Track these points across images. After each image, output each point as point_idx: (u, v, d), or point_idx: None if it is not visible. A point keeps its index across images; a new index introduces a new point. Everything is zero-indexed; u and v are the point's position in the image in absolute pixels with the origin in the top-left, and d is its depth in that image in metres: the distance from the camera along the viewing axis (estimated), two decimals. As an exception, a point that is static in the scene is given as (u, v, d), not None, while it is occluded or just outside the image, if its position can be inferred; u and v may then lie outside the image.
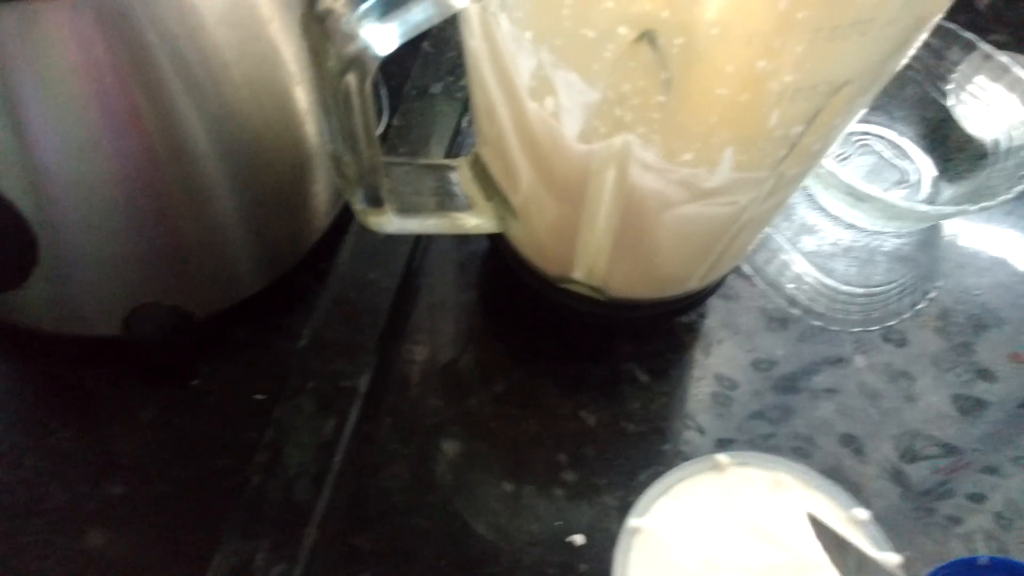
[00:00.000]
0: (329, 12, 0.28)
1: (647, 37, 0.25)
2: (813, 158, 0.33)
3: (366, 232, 0.47)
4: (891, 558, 0.30)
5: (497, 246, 0.44)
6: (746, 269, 0.51)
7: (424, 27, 0.27)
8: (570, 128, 0.31)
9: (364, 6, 0.27)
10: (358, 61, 0.27)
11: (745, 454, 0.31)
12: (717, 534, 0.30)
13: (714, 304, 0.49)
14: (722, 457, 0.31)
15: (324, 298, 0.46)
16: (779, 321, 0.49)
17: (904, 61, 0.29)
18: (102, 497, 0.42)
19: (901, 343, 0.49)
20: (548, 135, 0.32)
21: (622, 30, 0.26)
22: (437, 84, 0.53)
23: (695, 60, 0.26)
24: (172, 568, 0.40)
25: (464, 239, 0.51)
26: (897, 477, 0.44)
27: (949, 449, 0.46)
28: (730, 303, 0.50)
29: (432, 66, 0.53)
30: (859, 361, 0.48)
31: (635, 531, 0.30)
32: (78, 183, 0.37)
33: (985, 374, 0.48)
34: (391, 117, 0.52)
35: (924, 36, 0.28)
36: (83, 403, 0.45)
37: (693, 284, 0.41)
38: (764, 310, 0.50)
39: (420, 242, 0.48)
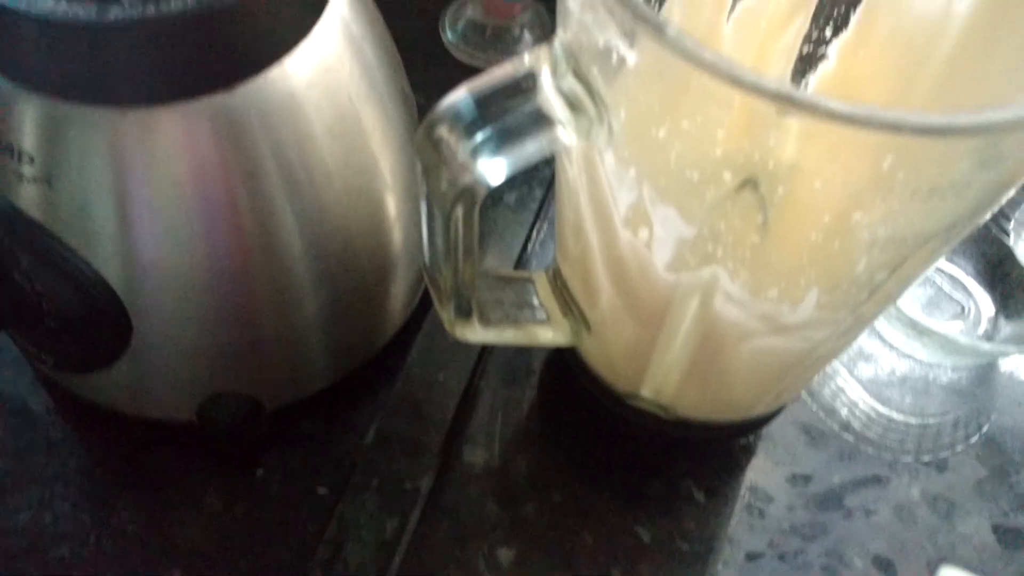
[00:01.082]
0: (443, 140, 0.30)
1: (750, 184, 0.27)
2: (890, 300, 0.34)
3: (436, 334, 0.49)
4: None
5: (564, 356, 0.45)
6: (802, 393, 0.52)
7: (534, 161, 0.29)
8: (660, 258, 0.32)
9: (479, 137, 0.29)
10: (470, 190, 0.29)
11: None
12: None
13: (771, 427, 0.50)
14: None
15: (392, 396, 0.47)
16: (833, 445, 0.50)
17: (988, 216, 0.30)
18: (161, 583, 0.43)
19: (943, 468, 0.49)
20: (637, 262, 0.33)
21: (727, 175, 0.27)
22: (511, 194, 0.54)
23: (793, 207, 0.27)
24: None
25: (527, 349, 0.52)
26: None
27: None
28: (786, 425, 0.50)
29: (507, 176, 0.55)
30: (901, 483, 0.48)
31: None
32: (175, 275, 0.38)
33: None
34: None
35: (1011, 194, 0.29)
36: (150, 485, 0.46)
37: (758, 410, 0.42)
38: (818, 432, 0.50)
39: (487, 346, 0.49)
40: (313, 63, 0.36)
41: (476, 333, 0.38)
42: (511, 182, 0.55)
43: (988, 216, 0.30)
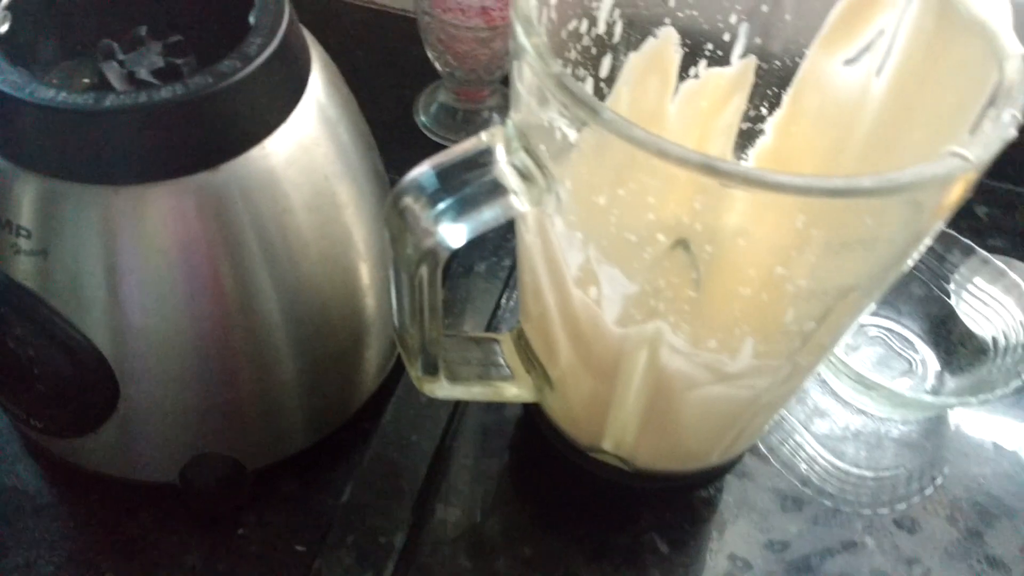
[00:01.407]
0: (408, 208, 0.33)
1: (681, 244, 0.30)
2: (824, 349, 0.37)
3: (409, 396, 0.51)
4: None
5: (532, 414, 0.47)
6: (762, 449, 0.54)
7: (491, 227, 0.32)
8: (609, 314, 0.35)
9: (441, 206, 0.32)
10: (432, 253, 0.32)
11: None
12: None
13: (731, 481, 0.52)
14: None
15: (367, 456, 0.49)
16: (792, 500, 0.52)
17: (904, 270, 0.33)
18: (144, 640, 0.44)
19: (912, 529, 0.52)
20: (589, 318, 0.36)
21: (660, 237, 0.30)
22: (481, 263, 0.58)
23: (722, 264, 0.31)
24: None
25: (499, 407, 0.54)
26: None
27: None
28: (745, 481, 0.52)
29: (477, 247, 0.58)
30: (871, 544, 0.50)
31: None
32: (160, 341, 0.41)
33: (996, 563, 0.50)
34: (437, 291, 0.56)
35: (922, 249, 0.32)
36: (133, 546, 0.47)
37: (714, 459, 0.44)
38: (777, 489, 0.52)
39: (458, 407, 0.52)
40: (291, 144, 0.40)
41: (443, 389, 0.40)
42: (481, 252, 0.58)
43: (902, 271, 0.33)
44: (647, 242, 0.31)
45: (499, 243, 0.59)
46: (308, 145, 0.41)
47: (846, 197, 0.27)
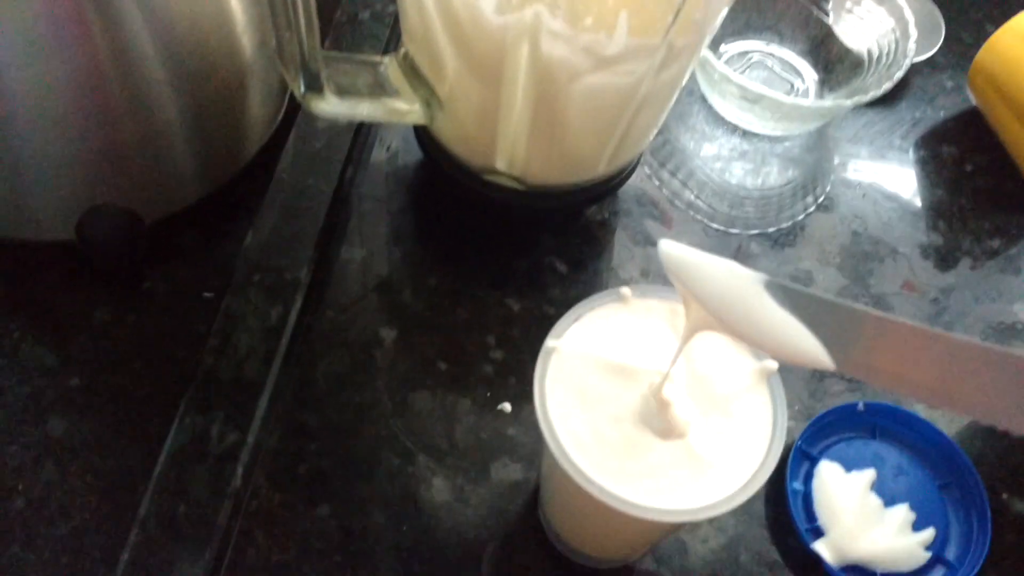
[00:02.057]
0: None
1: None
2: (697, 31, 0.38)
3: (303, 143, 0.51)
4: (769, 366, 0.34)
5: (425, 145, 0.48)
6: (649, 170, 0.56)
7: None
8: (487, 3, 0.35)
9: None
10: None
11: (647, 287, 0.36)
12: (620, 352, 0.34)
13: (624, 206, 0.54)
14: (626, 290, 0.35)
15: (266, 202, 0.49)
16: (683, 224, 0.54)
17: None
18: (61, 388, 0.45)
19: (794, 244, 0.54)
20: (468, 12, 0.36)
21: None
22: (366, 11, 0.56)
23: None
24: (130, 449, 0.43)
25: (397, 151, 0.55)
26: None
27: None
28: (638, 205, 0.54)
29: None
30: (757, 250, 0.53)
31: (551, 351, 0.34)
32: (29, 85, 0.39)
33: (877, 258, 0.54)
34: (322, 43, 0.55)
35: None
36: (40, 307, 0.47)
37: (601, 169, 0.45)
38: (668, 214, 0.54)
39: (353, 149, 0.52)
40: None
41: (331, 104, 0.40)
42: (364, 0, 0.57)
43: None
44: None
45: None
46: None
47: None
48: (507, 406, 0.46)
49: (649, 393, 0.33)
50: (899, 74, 0.51)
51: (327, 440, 0.44)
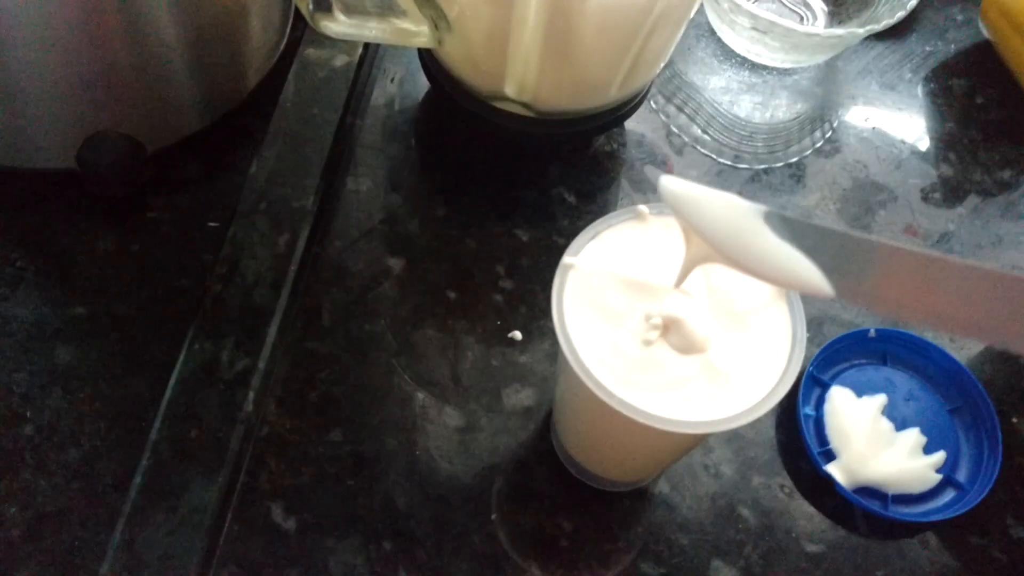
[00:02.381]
0: None
1: None
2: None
3: (306, 73, 0.50)
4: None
5: (432, 71, 0.47)
6: (656, 105, 0.55)
7: None
8: (501, -87, 0.34)
9: None
10: None
11: (664, 206, 0.35)
12: (638, 268, 0.34)
13: (633, 138, 0.54)
14: (643, 208, 0.35)
15: (270, 131, 0.48)
16: (691, 157, 0.54)
17: None
18: (67, 317, 0.44)
19: (801, 176, 0.54)
20: (481, -76, 0.35)
21: None
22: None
23: None
24: (137, 376, 0.43)
25: (400, 83, 0.54)
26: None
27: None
28: (646, 138, 0.54)
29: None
30: (765, 184, 0.53)
31: (568, 267, 0.34)
32: (25, 7, 0.38)
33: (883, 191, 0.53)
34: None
35: None
36: (44, 236, 0.46)
37: (613, 93, 0.45)
38: (677, 147, 0.54)
39: (357, 86, 0.51)
40: None
41: (339, 24, 0.39)
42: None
43: None
44: None
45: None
46: None
47: None
48: (517, 334, 0.46)
49: (656, 312, 0.33)
50: (912, 3, 0.51)
51: (337, 368, 0.44)
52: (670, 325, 0.33)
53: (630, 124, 0.54)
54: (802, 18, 0.58)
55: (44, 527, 0.39)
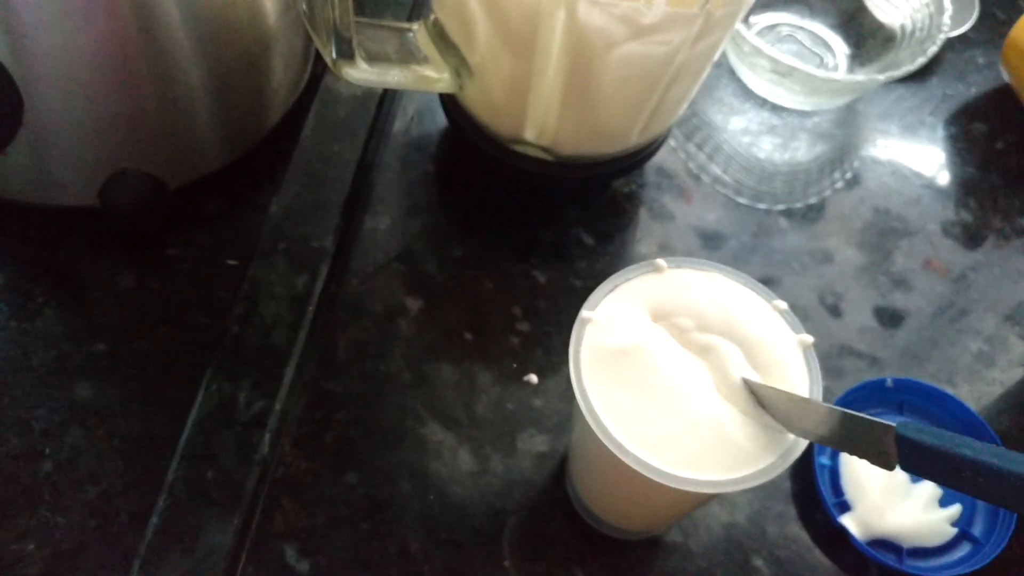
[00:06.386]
0: None
1: None
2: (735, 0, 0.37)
3: (328, 110, 0.50)
4: (806, 338, 0.34)
5: (453, 115, 0.47)
6: (679, 152, 0.55)
7: None
8: (524, -32, 0.34)
9: None
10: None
11: (681, 259, 0.35)
12: (656, 320, 0.34)
13: (651, 179, 0.54)
14: (661, 261, 0.35)
15: (290, 169, 0.49)
16: (709, 198, 0.54)
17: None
18: (86, 354, 0.45)
19: (820, 217, 0.54)
20: (503, -21, 0.36)
21: None
22: (391, -25, 0.56)
23: None
24: (156, 414, 0.43)
25: (419, 121, 0.54)
26: (820, 317, 0.49)
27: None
28: (665, 179, 0.54)
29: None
30: (784, 225, 0.53)
31: (586, 321, 0.34)
32: (57, 49, 0.39)
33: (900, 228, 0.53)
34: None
35: None
36: (64, 272, 0.47)
37: (632, 140, 0.45)
38: (695, 187, 0.54)
39: (379, 117, 0.51)
40: None
41: (361, 72, 0.40)
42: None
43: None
44: None
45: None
46: None
47: None
48: (533, 377, 0.46)
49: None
50: (933, 49, 0.51)
51: (353, 409, 0.44)
52: (708, 349, 0.33)
53: (649, 164, 0.54)
54: (822, 59, 0.58)
55: (61, 565, 0.39)
